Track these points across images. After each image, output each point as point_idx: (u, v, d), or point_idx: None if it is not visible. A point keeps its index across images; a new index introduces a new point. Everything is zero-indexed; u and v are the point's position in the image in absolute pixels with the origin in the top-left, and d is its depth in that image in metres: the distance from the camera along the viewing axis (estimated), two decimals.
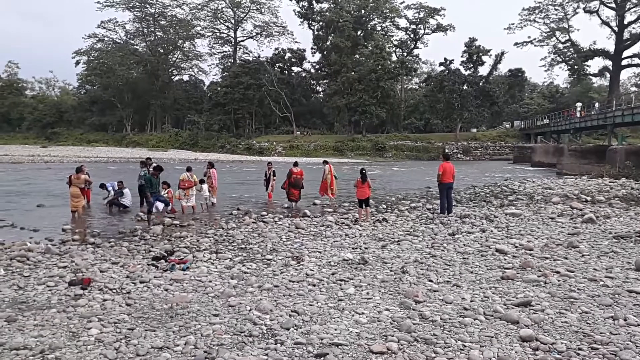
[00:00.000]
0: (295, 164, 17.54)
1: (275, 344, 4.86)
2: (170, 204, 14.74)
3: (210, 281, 7.20)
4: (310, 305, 6.11)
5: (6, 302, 6.14)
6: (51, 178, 27.60)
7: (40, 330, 5.18)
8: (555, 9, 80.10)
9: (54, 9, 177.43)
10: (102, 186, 16.21)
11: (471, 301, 6.27)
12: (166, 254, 8.79)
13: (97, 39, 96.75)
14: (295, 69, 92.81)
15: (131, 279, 7.26)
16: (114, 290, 6.67)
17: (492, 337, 5.08)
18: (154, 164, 14.27)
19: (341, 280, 7.28)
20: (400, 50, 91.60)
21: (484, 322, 5.54)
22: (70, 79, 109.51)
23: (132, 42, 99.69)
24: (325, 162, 18.45)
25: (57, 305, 6.04)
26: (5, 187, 22.22)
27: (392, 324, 5.49)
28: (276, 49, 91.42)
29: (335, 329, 5.29)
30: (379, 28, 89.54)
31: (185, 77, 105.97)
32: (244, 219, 13.38)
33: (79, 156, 54.48)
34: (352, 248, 9.70)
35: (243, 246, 9.90)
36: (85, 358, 4.48)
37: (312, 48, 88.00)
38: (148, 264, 8.19)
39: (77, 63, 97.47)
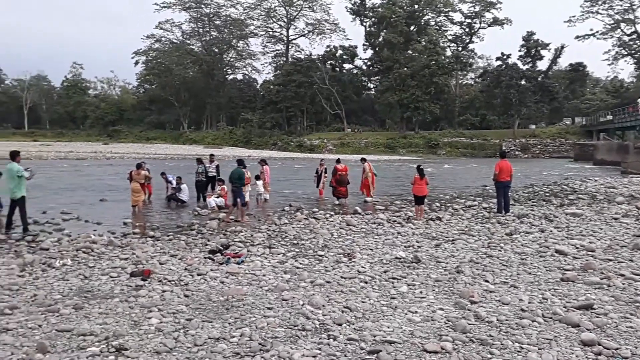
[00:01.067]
0: (338, 161, 17.58)
1: (328, 339, 4.89)
2: (224, 200, 15.11)
3: (264, 275, 7.33)
4: (363, 302, 6.11)
5: (73, 291, 6.48)
6: (112, 174, 28.87)
7: (104, 318, 5.44)
8: (621, 0, 76.05)
9: (115, 10, 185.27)
10: (163, 174, 16.89)
11: (529, 303, 6.08)
12: (222, 248, 9.01)
13: (155, 39, 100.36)
14: (347, 65, 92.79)
15: (189, 271, 7.50)
16: (173, 282, 6.91)
17: (551, 340, 4.91)
18: (238, 158, 14.59)
19: (394, 278, 7.23)
20: (455, 45, 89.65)
21: (543, 324, 5.36)
22: (130, 79, 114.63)
23: (188, 42, 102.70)
24: (364, 160, 18.34)
25: (119, 295, 6.32)
26: (71, 182, 23.42)
27: (446, 323, 5.40)
28: (328, 46, 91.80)
29: (388, 327, 5.26)
30: (432, 23, 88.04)
31: (239, 76, 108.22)
32: (296, 215, 13.52)
33: (138, 153, 56.69)
34: (405, 246, 9.60)
35: (295, 242, 10.01)
36: (147, 346, 4.67)
37: (363, 44, 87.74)
38: (205, 257, 8.43)
39: (137, 63, 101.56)
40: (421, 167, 13.60)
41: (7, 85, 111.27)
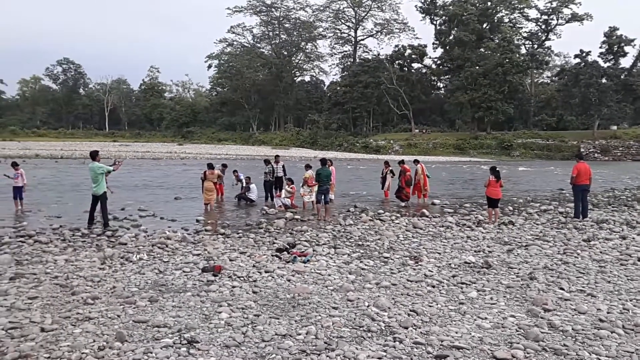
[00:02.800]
0: (402, 162, 17.34)
1: (394, 341, 4.84)
2: (291, 200, 15.36)
3: (329, 275, 7.37)
4: (430, 306, 5.99)
5: (149, 284, 6.81)
6: (186, 173, 30.09)
7: (177, 311, 5.67)
8: None
9: (189, 16, 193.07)
10: (235, 172, 17.45)
11: (608, 313, 5.72)
12: (288, 247, 9.16)
13: (227, 43, 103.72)
14: (415, 65, 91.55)
15: (257, 268, 7.67)
16: (242, 278, 7.10)
17: (632, 352, 4.60)
18: (322, 158, 14.89)
19: (462, 283, 7.03)
20: (530, 43, 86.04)
21: (623, 335, 5.03)
22: (203, 82, 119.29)
23: (259, 45, 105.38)
24: (417, 162, 17.93)
25: (191, 289, 6.57)
26: (147, 181, 24.63)
27: (517, 331, 5.19)
28: (396, 46, 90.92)
29: (456, 332, 5.13)
30: (506, 20, 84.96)
31: (307, 78, 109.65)
32: (361, 216, 13.48)
33: (210, 153, 58.68)
34: (475, 251, 9.32)
35: (360, 243, 9.98)
36: (217, 339, 4.82)
37: (433, 43, 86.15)
38: (272, 255, 8.59)
39: (209, 67, 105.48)
40: (497, 168, 13.16)
41: (90, 89, 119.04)
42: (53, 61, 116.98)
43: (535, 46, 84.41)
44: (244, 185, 16.86)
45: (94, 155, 11.84)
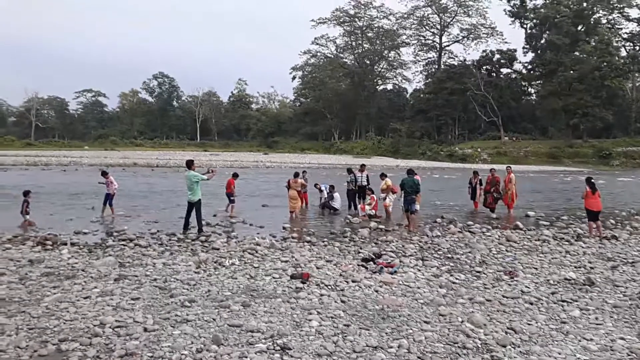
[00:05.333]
0: (492, 170, 16.68)
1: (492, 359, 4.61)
2: (375, 209, 15.24)
3: (418, 287, 7.19)
4: (529, 324, 5.66)
5: (241, 289, 7.01)
6: (271, 181, 30.86)
7: (269, 316, 5.78)
8: None
9: (275, 29, 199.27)
10: (317, 185, 17.61)
11: None
12: (374, 257, 9.07)
13: (311, 54, 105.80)
14: (505, 70, 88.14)
15: (344, 277, 7.66)
16: (329, 287, 7.11)
17: None
18: (409, 168, 14.86)
19: (563, 301, 6.59)
20: (631, 44, 79.79)
21: None
22: (288, 93, 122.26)
23: (341, 55, 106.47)
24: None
25: (281, 295, 6.67)
26: (236, 189, 25.48)
27: (629, 355, 4.78)
28: (484, 51, 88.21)
29: (559, 353, 4.81)
30: (604, 21, 79.64)
31: (389, 86, 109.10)
32: (449, 227, 13.09)
33: (294, 162, 59.92)
34: (575, 267, 8.71)
35: (449, 255, 9.67)
36: (308, 347, 4.85)
37: (523, 47, 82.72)
38: (358, 265, 8.55)
39: (294, 78, 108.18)
40: (592, 179, 12.30)
41: (183, 101, 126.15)
42: (150, 75, 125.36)
43: (637, 48, 78.19)
44: (327, 194, 16.98)
45: (189, 164, 12.46)
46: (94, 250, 9.63)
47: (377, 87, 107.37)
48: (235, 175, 16.78)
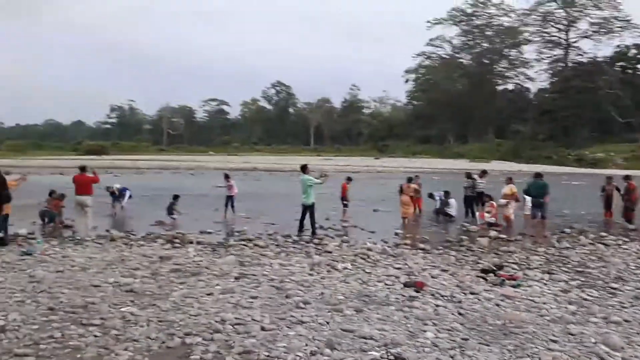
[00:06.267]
0: (628, 177, 14.97)
1: None
2: (495, 217, 14.45)
3: (544, 303, 6.65)
4: None
5: (354, 294, 6.97)
6: (382, 186, 30.64)
7: (382, 324, 5.67)
8: None
9: (387, 32, 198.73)
10: (430, 195, 17.03)
11: None
12: (495, 268, 8.55)
13: (425, 56, 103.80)
14: None
15: (461, 288, 7.30)
16: (445, 298, 6.82)
17: None
18: (536, 172, 14.19)
19: None
20: None
21: None
22: (400, 96, 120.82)
23: (458, 55, 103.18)
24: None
25: (394, 303, 6.53)
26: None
27: None
28: (617, 46, 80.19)
29: None
30: None
31: (510, 86, 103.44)
32: (579, 238, 12.02)
33: (405, 167, 59.02)
34: None
35: (580, 269, 8.84)
36: (424, 359, 4.66)
37: None
38: (477, 276, 8.13)
39: (406, 81, 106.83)
40: None
41: (298, 108, 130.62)
42: (268, 84, 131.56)
43: None
44: (442, 199, 16.44)
45: (303, 169, 12.81)
46: (217, 249, 10.22)
47: (497, 87, 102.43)
48: (349, 179, 16.89)
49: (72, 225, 13.00)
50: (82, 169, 13.00)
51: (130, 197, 16.88)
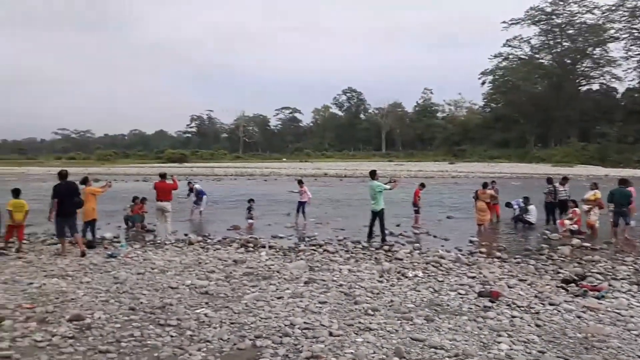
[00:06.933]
0: None
1: None
2: (578, 225, 13.63)
3: (631, 316, 6.18)
4: None
5: (424, 302, 6.83)
6: (456, 192, 29.84)
7: (454, 334, 5.51)
8: None
9: (463, 35, 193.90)
10: (508, 205, 16.28)
11: None
12: (577, 278, 8.05)
13: (503, 57, 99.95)
14: None
15: (539, 299, 6.94)
16: (522, 308, 6.51)
17: None
18: (621, 178, 13.42)
19: None
20: None
21: None
22: (476, 99, 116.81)
23: (537, 55, 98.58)
24: None
25: (467, 313, 6.32)
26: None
27: None
28: None
29: None
30: None
31: (595, 87, 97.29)
32: None
33: (482, 172, 57.10)
34: None
35: None
36: None
37: None
38: (557, 286, 7.69)
39: (483, 83, 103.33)
40: None
41: (370, 114, 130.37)
42: (339, 91, 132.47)
43: None
44: (521, 206, 15.72)
45: (372, 175, 12.74)
46: (288, 254, 10.38)
47: (580, 87, 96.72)
48: (422, 186, 16.56)
49: (153, 229, 13.76)
50: (163, 176, 13.70)
51: (207, 202, 17.56)
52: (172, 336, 5.43)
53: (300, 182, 17.02)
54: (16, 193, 11.06)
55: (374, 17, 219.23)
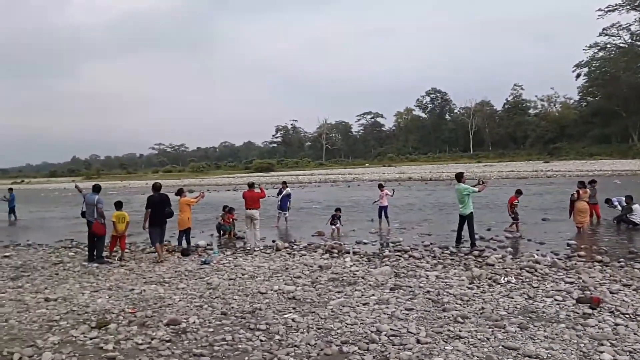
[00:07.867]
0: None
1: None
2: None
3: None
4: None
5: (518, 309, 6.51)
6: (552, 192, 28.13)
7: (550, 342, 5.20)
8: None
9: (556, 29, 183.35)
10: (608, 201, 15.19)
11: None
12: None
13: (599, 47, 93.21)
14: None
15: None
16: (627, 316, 6.02)
17: None
18: None
19: None
20: None
21: None
22: (571, 93, 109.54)
23: (638, 43, 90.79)
24: None
25: (565, 320, 5.95)
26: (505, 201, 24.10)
27: None
28: None
29: None
30: None
31: None
32: None
33: (580, 170, 53.48)
34: None
35: None
36: None
37: None
38: None
39: (578, 76, 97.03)
40: None
41: (455, 114, 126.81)
42: (422, 93, 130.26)
43: None
44: (623, 205, 14.55)
45: (459, 177, 12.37)
46: (373, 260, 10.34)
47: None
48: (518, 193, 15.20)
49: (243, 236, 14.30)
50: (251, 185, 14.21)
51: (289, 208, 17.67)
52: (261, 340, 5.60)
53: (380, 186, 16.93)
54: (119, 205, 11.97)
55: (450, 15, 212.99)
